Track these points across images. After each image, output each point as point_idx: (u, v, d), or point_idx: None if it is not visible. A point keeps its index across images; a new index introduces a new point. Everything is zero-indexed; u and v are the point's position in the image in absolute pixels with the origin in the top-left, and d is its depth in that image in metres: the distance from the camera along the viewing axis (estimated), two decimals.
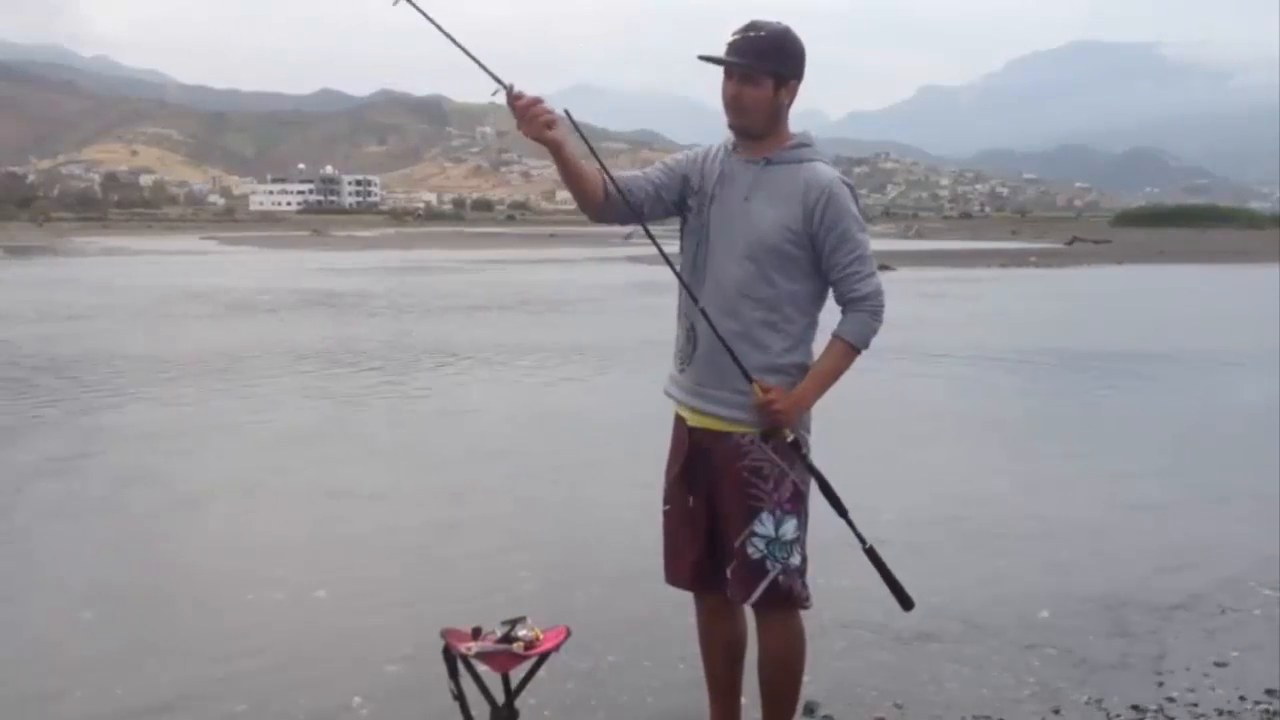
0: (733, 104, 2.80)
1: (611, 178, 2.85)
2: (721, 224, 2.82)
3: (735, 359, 2.74)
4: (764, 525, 2.79)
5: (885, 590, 2.81)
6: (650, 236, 2.91)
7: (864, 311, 2.79)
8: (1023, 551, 5.31)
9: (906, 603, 2.85)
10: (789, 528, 2.80)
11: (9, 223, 76.66)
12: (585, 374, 11.25)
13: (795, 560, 2.82)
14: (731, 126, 2.85)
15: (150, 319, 16.62)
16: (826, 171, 2.79)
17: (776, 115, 2.80)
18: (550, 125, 2.66)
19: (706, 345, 2.83)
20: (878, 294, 2.80)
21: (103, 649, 4.08)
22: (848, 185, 2.80)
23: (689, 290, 2.84)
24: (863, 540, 2.81)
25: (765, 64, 2.75)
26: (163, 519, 5.89)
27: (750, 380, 2.74)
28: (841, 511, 2.80)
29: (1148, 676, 3.82)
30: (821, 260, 2.78)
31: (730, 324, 2.78)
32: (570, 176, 2.79)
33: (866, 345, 2.83)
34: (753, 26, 2.78)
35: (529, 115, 2.65)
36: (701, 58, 2.81)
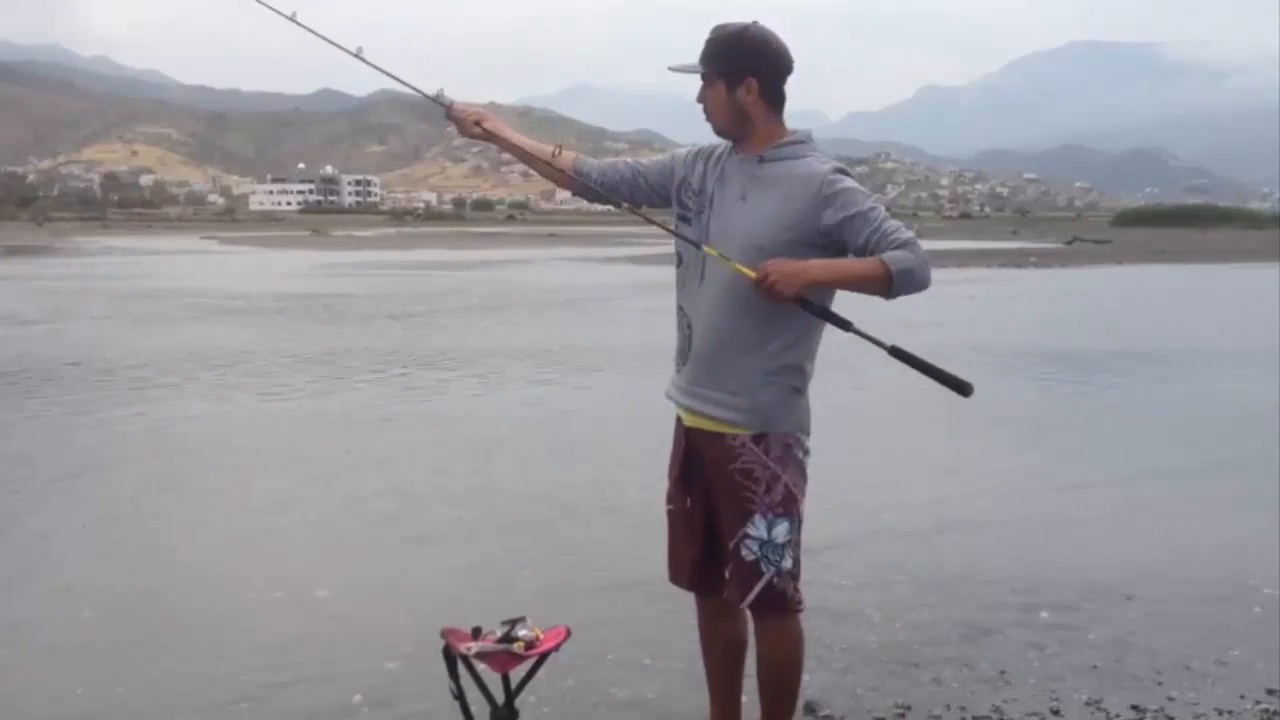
0: (703, 109, 2.83)
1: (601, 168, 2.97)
2: (719, 223, 2.82)
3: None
4: (756, 528, 2.78)
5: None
6: (637, 213, 2.99)
7: (902, 249, 2.63)
8: (1021, 551, 5.30)
9: (964, 388, 2.69)
10: (780, 531, 2.79)
11: (9, 223, 76.68)
12: (587, 374, 11.25)
13: (787, 564, 2.81)
14: (714, 131, 2.87)
15: (150, 319, 16.62)
16: (822, 164, 2.75)
17: (743, 114, 2.78)
18: (479, 121, 2.96)
19: (700, 345, 2.83)
20: (918, 246, 2.65)
21: (103, 648, 4.08)
22: (842, 170, 2.75)
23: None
24: (882, 343, 2.71)
25: (709, 66, 2.78)
26: (162, 519, 5.89)
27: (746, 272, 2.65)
28: (844, 325, 2.71)
29: (1148, 676, 3.82)
30: (849, 247, 2.70)
31: (729, 323, 2.78)
32: (526, 159, 3.02)
33: (906, 273, 2.61)
34: (712, 31, 2.82)
35: (460, 120, 2.99)
36: (672, 69, 2.86)
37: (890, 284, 2.62)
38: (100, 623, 4.34)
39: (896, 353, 2.70)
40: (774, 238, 2.72)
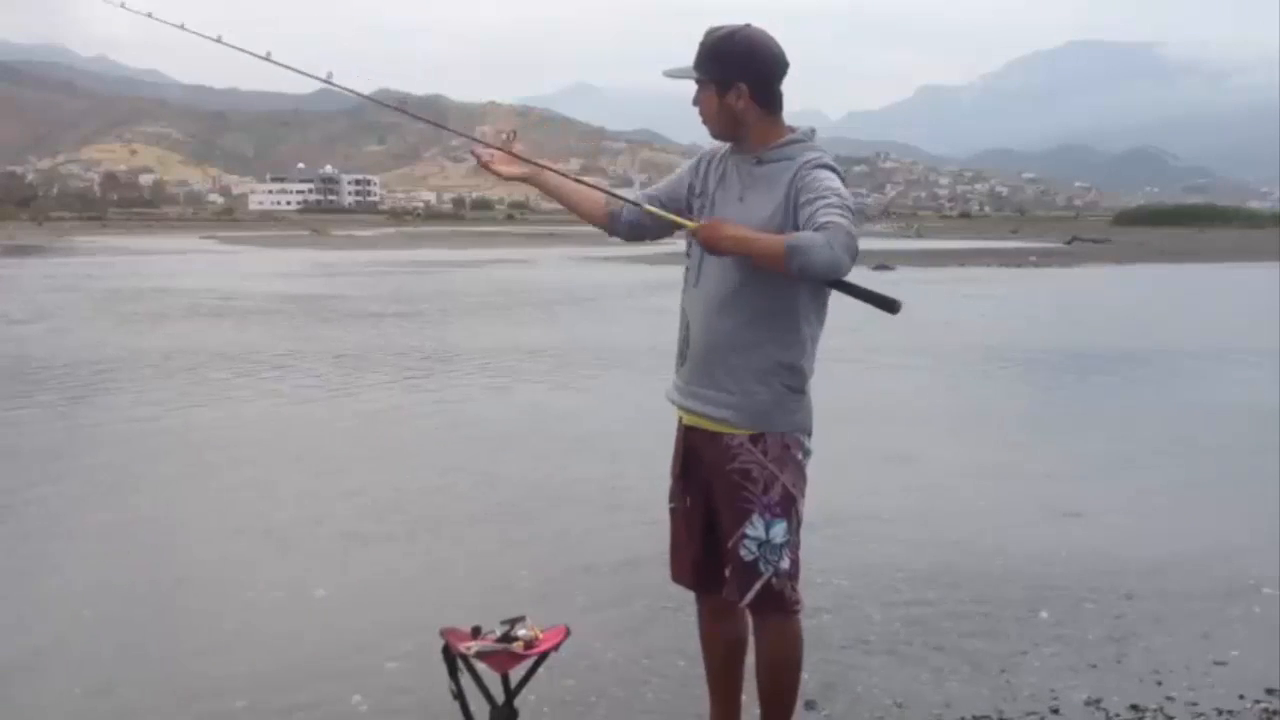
0: (699, 113, 2.84)
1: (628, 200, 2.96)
2: None
3: None
4: (755, 528, 2.78)
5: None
6: (662, 214, 2.93)
7: (816, 231, 2.50)
8: (1022, 550, 5.30)
9: (891, 305, 2.64)
10: (778, 531, 2.78)
11: (8, 222, 76.69)
12: (587, 374, 11.25)
13: (785, 564, 2.80)
14: (711, 135, 2.88)
15: (150, 318, 16.61)
16: (804, 158, 2.73)
17: (736, 119, 2.78)
18: (509, 166, 2.97)
19: (697, 345, 2.83)
20: (839, 229, 2.47)
21: (103, 648, 4.08)
22: (823, 165, 2.70)
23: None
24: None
25: (700, 73, 2.78)
26: (162, 518, 5.89)
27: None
28: (792, 275, 2.61)
29: (1148, 676, 3.82)
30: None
31: (723, 323, 2.77)
32: (563, 202, 3.07)
33: (800, 251, 2.46)
34: (704, 35, 2.80)
35: (494, 169, 2.97)
36: (667, 74, 2.86)
37: (782, 261, 2.50)
38: (99, 622, 4.34)
39: (839, 284, 2.63)
40: None
